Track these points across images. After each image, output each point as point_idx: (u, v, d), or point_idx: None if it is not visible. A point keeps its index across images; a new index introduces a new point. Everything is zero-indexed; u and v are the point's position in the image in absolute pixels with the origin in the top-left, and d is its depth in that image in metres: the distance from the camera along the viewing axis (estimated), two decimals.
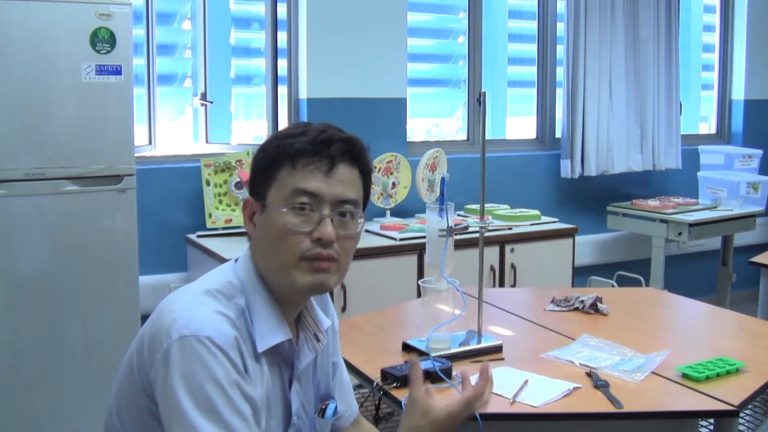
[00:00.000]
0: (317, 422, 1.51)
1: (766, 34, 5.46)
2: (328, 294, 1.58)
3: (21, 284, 2.83)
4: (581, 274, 4.44)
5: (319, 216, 1.34)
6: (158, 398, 1.27)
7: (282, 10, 3.92)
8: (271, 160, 1.36)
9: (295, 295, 1.40)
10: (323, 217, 1.34)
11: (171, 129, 4.02)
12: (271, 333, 1.35)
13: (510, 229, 3.86)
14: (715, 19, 5.48)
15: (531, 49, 4.79)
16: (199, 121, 3.91)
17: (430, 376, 1.83)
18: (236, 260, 1.43)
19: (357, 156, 1.39)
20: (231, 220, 3.61)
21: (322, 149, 1.35)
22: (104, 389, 1.56)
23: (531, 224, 3.96)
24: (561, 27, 4.60)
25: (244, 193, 3.59)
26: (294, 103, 3.98)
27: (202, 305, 1.30)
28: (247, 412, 1.26)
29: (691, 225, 4.35)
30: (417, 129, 4.64)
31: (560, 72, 4.66)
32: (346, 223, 1.37)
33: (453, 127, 4.82)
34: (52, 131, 2.83)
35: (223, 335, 1.27)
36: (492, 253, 3.73)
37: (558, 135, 4.72)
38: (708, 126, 5.65)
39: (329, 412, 1.52)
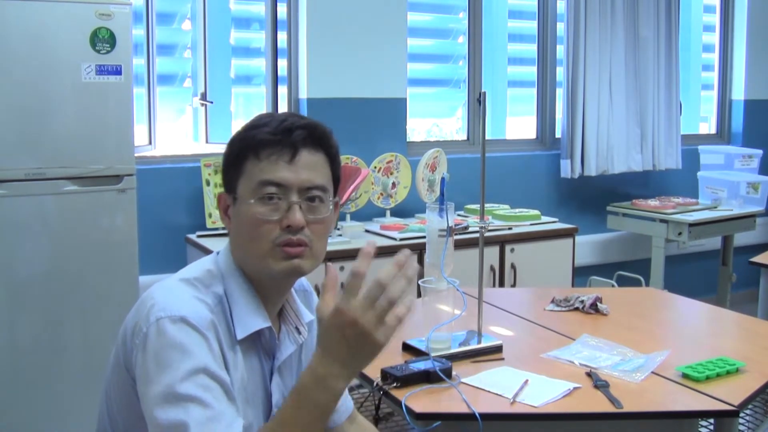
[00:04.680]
0: None
1: (766, 34, 5.46)
2: (314, 291, 1.61)
3: (21, 284, 2.83)
4: (581, 274, 4.44)
5: (287, 203, 1.36)
6: (137, 380, 1.29)
7: (282, 10, 3.92)
8: (237, 153, 1.39)
9: (274, 282, 1.41)
10: (291, 205, 1.36)
11: (171, 129, 4.02)
12: (250, 319, 1.37)
13: (510, 229, 3.86)
14: (715, 19, 5.49)
15: (531, 49, 4.79)
16: (199, 121, 3.90)
17: (430, 376, 1.83)
18: (218, 252, 1.45)
19: (319, 140, 1.40)
20: None
21: (284, 138, 1.37)
22: None
23: (531, 224, 3.96)
24: (561, 27, 4.60)
25: None
26: (294, 103, 3.98)
27: (181, 291, 1.33)
28: (216, 388, 1.25)
29: (691, 225, 4.35)
30: (417, 129, 4.64)
31: (560, 72, 4.66)
32: (315, 207, 1.39)
33: (453, 127, 4.82)
34: (52, 131, 2.83)
35: (198, 316, 1.29)
36: (492, 253, 3.73)
37: (558, 135, 4.72)
38: (708, 126, 5.65)
39: None
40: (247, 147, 1.38)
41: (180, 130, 4.09)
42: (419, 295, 2.13)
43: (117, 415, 1.39)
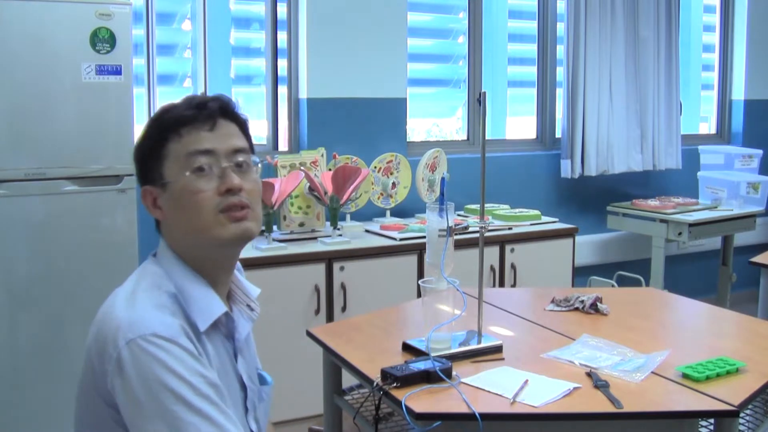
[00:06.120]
0: (263, 391, 1.54)
1: (766, 34, 5.46)
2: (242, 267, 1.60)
3: (21, 284, 2.83)
4: (581, 274, 4.44)
5: (219, 170, 1.38)
6: (121, 407, 1.26)
7: (282, 10, 3.92)
8: (156, 141, 1.41)
9: (221, 255, 1.42)
10: (223, 170, 1.38)
11: None
12: (208, 309, 1.37)
13: (510, 229, 3.86)
14: (715, 19, 5.49)
15: (531, 49, 4.79)
16: None
17: (430, 376, 1.83)
18: (154, 254, 1.46)
19: (231, 111, 1.44)
20: None
21: (200, 111, 1.40)
22: None
23: (531, 224, 3.96)
24: (561, 27, 4.60)
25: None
26: (294, 103, 3.98)
27: (139, 303, 1.32)
28: (213, 396, 1.27)
29: (691, 225, 4.35)
30: (417, 129, 4.64)
31: (560, 72, 4.66)
32: (244, 171, 1.41)
33: (453, 127, 4.82)
34: (52, 131, 2.83)
35: (167, 326, 1.28)
36: (492, 253, 3.73)
37: (558, 135, 4.72)
38: (708, 126, 5.65)
39: (267, 378, 1.56)
40: (166, 129, 1.39)
41: None
42: (419, 295, 2.12)
43: None
